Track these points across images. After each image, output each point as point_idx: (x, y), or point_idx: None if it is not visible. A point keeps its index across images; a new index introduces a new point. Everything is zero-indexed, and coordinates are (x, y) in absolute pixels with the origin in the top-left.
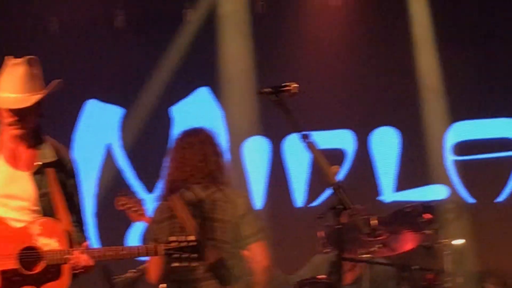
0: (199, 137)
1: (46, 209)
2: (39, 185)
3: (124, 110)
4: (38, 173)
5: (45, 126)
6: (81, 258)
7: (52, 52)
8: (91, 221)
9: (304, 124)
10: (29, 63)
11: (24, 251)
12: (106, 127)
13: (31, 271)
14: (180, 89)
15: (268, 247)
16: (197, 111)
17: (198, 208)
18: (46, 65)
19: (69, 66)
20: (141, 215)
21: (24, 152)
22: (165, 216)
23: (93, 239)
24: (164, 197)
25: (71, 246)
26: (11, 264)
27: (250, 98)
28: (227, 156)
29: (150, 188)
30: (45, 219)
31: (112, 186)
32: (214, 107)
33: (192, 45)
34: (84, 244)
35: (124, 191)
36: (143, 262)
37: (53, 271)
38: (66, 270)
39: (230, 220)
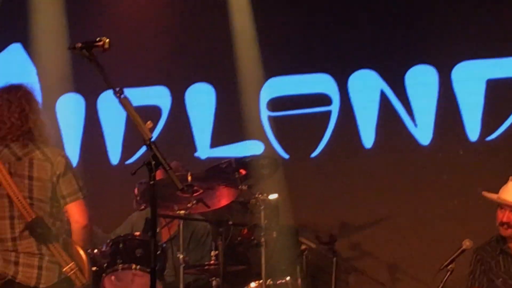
0: (17, 94)
1: None
2: None
3: None
4: None
5: None
6: None
7: None
8: None
9: (118, 80)
10: None
11: None
12: None
13: None
14: None
15: (87, 206)
16: (9, 68)
17: (15, 166)
18: None
19: None
20: None
21: None
22: None
23: None
24: None
25: None
26: None
27: (62, 54)
28: (43, 114)
29: None
30: None
31: None
32: (27, 64)
33: (3, 0)
34: None
35: None
36: None
37: None
38: None
39: (48, 179)
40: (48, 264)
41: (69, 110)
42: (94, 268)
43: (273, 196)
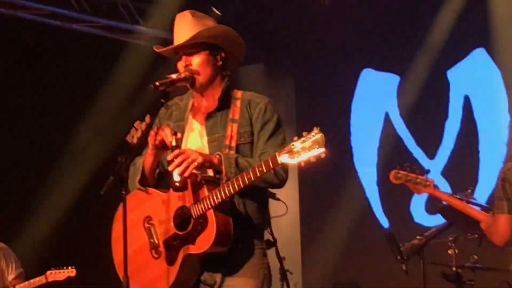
0: None
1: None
2: (209, 131)
3: (399, 77)
4: (209, 118)
5: (321, 97)
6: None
7: (326, 25)
8: (374, 190)
9: None
10: (192, 12)
11: (177, 212)
12: (383, 95)
13: (185, 230)
14: (455, 51)
15: None
16: (474, 72)
17: None
18: (319, 38)
19: (344, 37)
20: (426, 187)
21: (200, 104)
22: None
23: (376, 208)
24: None
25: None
26: (171, 229)
27: None
28: None
29: (430, 155)
30: None
31: (393, 154)
32: (491, 68)
33: (464, 5)
34: None
35: (401, 163)
36: (428, 228)
37: (201, 222)
38: (210, 216)
39: None
40: None
41: None
42: None
43: None
